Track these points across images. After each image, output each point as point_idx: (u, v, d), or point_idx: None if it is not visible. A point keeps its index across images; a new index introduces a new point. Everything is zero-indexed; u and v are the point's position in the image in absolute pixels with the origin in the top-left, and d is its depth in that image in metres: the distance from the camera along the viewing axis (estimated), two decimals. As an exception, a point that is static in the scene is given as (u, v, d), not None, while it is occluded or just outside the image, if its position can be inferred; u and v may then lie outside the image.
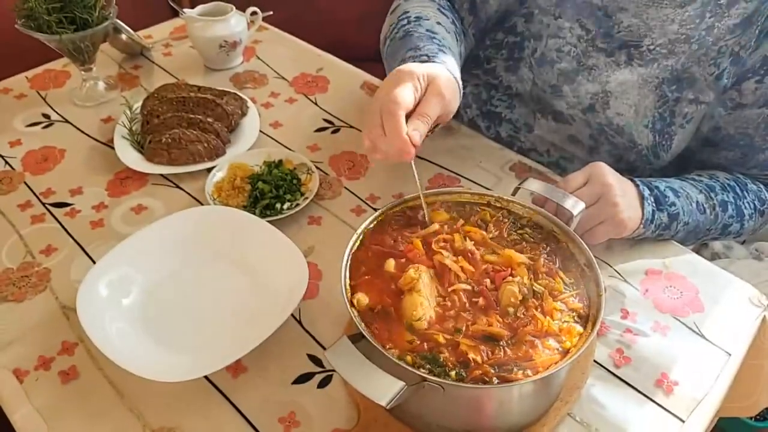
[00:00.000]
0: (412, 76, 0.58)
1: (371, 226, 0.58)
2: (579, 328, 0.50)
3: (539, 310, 0.51)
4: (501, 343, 0.49)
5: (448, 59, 0.67)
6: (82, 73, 0.92)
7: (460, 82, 0.66)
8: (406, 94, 0.56)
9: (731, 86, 0.71)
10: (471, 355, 0.47)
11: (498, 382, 0.46)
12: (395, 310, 0.51)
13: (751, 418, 1.14)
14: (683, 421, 0.55)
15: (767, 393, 0.66)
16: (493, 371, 0.47)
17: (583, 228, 0.64)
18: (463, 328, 0.49)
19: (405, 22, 0.75)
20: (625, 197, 0.64)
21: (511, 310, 0.51)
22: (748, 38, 0.68)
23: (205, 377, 0.57)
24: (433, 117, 0.58)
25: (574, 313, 0.51)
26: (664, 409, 0.56)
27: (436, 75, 0.60)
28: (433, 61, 0.65)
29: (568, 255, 0.56)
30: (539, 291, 0.52)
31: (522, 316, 0.50)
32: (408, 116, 0.58)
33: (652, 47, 0.72)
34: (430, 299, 0.51)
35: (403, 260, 0.55)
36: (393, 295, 0.52)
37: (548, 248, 0.56)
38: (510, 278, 0.52)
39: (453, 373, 0.47)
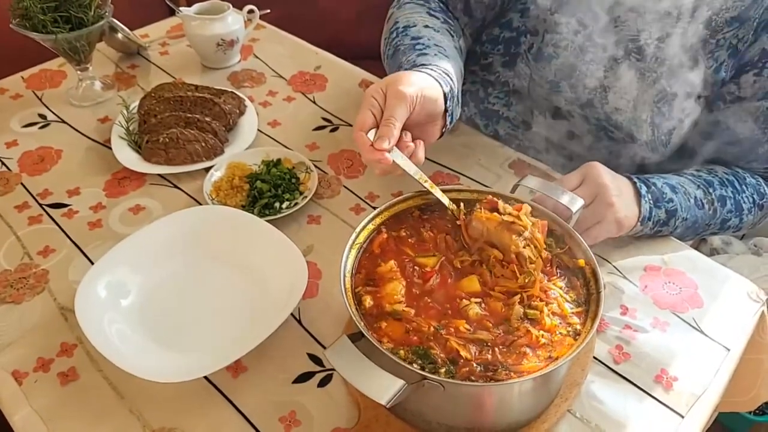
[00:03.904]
0: (366, 97, 0.62)
1: (373, 226, 0.58)
2: (571, 341, 0.49)
3: (536, 327, 0.50)
4: (488, 343, 0.49)
5: (427, 60, 0.68)
6: (78, 72, 0.91)
7: (442, 72, 0.66)
8: (361, 117, 0.60)
9: (730, 79, 0.71)
10: (463, 353, 0.48)
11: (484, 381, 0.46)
12: (382, 301, 0.51)
13: (750, 412, 1.15)
14: (683, 417, 0.55)
15: (766, 387, 0.67)
16: (479, 370, 0.47)
17: (580, 229, 0.64)
18: (443, 328, 0.50)
19: (394, 35, 0.77)
20: (621, 197, 0.64)
21: (485, 333, 0.50)
22: (746, 31, 0.68)
23: (205, 377, 0.57)
24: (398, 117, 0.59)
25: (571, 328, 0.51)
26: (664, 404, 0.56)
27: (392, 80, 0.61)
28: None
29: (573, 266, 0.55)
30: (533, 316, 0.51)
31: (515, 329, 0.50)
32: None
33: (649, 41, 0.72)
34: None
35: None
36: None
37: (553, 259, 0.56)
38: (465, 302, 0.52)
39: (443, 370, 0.47)
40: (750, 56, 0.69)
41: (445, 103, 0.64)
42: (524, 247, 0.53)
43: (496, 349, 0.49)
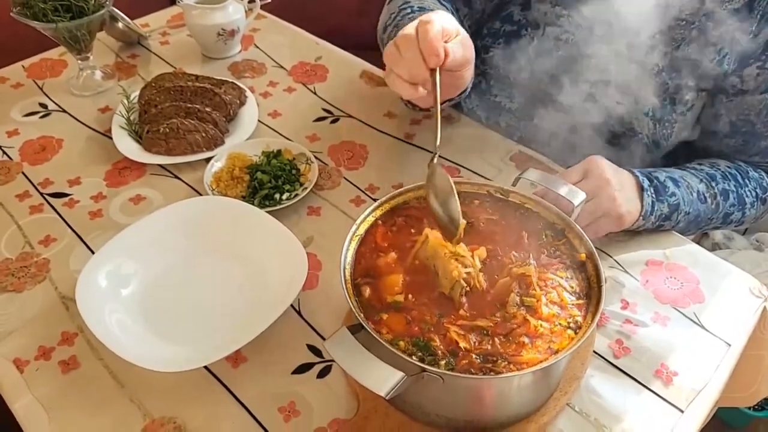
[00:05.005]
0: (450, 16, 0.59)
1: (373, 218, 0.58)
2: (571, 333, 0.49)
3: (534, 315, 0.50)
4: (487, 332, 0.49)
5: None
6: (79, 62, 0.91)
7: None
8: (444, 14, 0.56)
9: (732, 72, 0.70)
10: (462, 344, 0.48)
11: (483, 374, 0.46)
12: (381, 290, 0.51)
13: (749, 408, 1.15)
14: (682, 411, 0.55)
15: (766, 383, 0.66)
16: (479, 362, 0.47)
17: (582, 223, 0.63)
18: (444, 316, 0.50)
19: (408, 10, 0.75)
20: (623, 191, 0.64)
21: (484, 320, 0.50)
22: (749, 24, 0.68)
23: (205, 367, 0.57)
24: (458, 58, 0.56)
25: (571, 320, 0.51)
26: (663, 399, 0.56)
27: (463, 30, 0.60)
28: None
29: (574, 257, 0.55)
30: (529, 304, 0.51)
31: (512, 316, 0.50)
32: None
33: (651, 34, 0.71)
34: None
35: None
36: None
37: (554, 252, 0.55)
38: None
39: (443, 362, 0.47)
40: (753, 49, 0.69)
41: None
42: (463, 279, 0.51)
43: (496, 339, 0.48)
